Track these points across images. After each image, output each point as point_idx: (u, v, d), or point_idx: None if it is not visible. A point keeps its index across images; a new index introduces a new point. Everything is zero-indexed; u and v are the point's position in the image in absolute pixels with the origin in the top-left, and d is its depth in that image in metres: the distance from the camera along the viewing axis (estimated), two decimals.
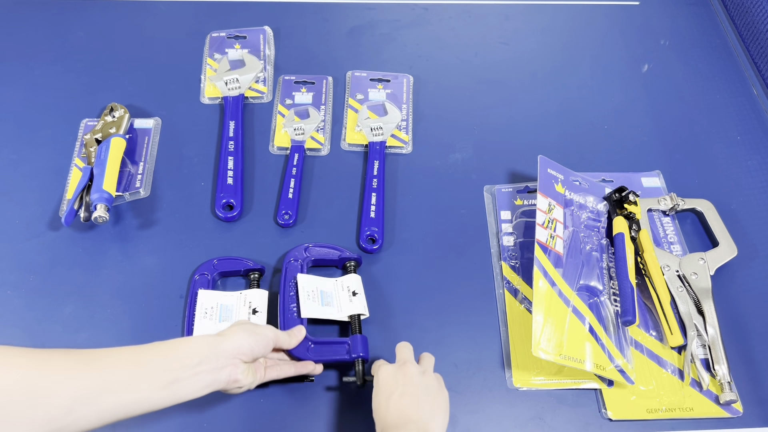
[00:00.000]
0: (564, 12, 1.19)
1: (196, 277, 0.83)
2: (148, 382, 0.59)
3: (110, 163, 0.88)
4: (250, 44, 1.08)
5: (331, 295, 0.82)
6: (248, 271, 0.84)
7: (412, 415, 0.65)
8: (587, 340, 0.77)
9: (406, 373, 0.69)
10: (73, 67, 1.06)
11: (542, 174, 0.88)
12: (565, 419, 0.76)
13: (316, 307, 0.80)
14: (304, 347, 0.76)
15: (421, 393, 0.68)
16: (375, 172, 0.94)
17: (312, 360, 0.76)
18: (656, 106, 1.06)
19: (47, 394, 0.53)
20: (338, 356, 0.77)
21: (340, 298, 0.82)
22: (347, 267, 0.85)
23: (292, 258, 0.84)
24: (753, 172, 0.98)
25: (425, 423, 0.65)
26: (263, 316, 0.80)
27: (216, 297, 0.81)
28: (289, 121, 0.99)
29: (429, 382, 0.69)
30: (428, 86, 1.07)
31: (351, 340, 0.78)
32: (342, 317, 0.81)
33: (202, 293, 0.81)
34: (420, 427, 0.65)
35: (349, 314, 0.81)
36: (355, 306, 0.81)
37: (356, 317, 0.81)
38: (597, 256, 0.85)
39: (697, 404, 0.77)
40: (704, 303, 0.82)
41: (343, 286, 0.83)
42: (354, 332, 0.80)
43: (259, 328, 0.70)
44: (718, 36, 1.16)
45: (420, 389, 0.68)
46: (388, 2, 1.18)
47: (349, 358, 0.76)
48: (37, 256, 0.86)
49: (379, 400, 0.68)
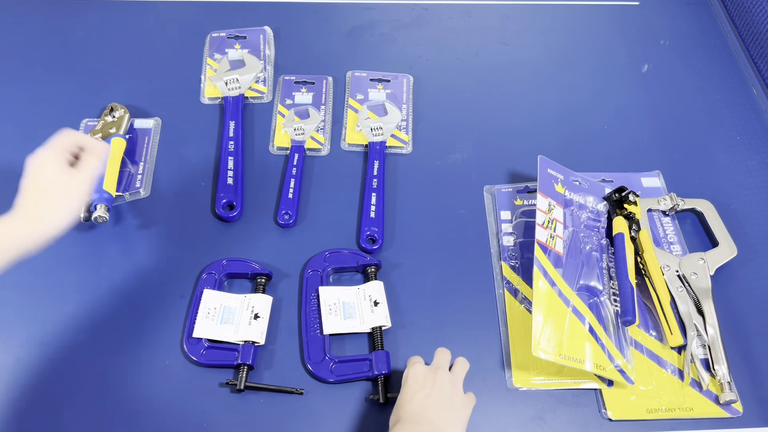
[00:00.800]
0: (564, 12, 1.19)
1: (204, 275, 0.84)
2: None
3: (110, 163, 0.88)
4: (250, 44, 1.08)
5: (354, 306, 0.82)
6: (255, 275, 0.84)
7: (432, 416, 0.68)
8: (587, 340, 0.77)
9: (437, 377, 0.71)
10: (73, 67, 1.06)
11: (542, 174, 0.88)
12: (565, 419, 0.76)
13: (338, 321, 0.80)
14: (326, 367, 0.77)
15: (446, 400, 0.70)
16: (375, 172, 0.94)
17: (334, 380, 0.77)
18: (656, 106, 1.06)
19: None
20: (361, 374, 0.77)
21: (362, 308, 0.82)
22: (368, 273, 0.85)
23: (311, 269, 0.85)
24: (753, 172, 0.98)
25: (442, 428, 0.67)
26: (264, 322, 0.80)
27: (220, 298, 0.81)
28: (289, 121, 0.99)
29: (456, 393, 0.71)
30: (428, 86, 1.07)
31: (374, 356, 0.78)
32: (364, 329, 0.81)
33: (207, 293, 0.82)
34: (435, 429, 0.66)
35: (372, 326, 0.81)
36: (377, 317, 0.81)
37: (378, 329, 0.80)
38: (597, 256, 0.85)
39: (697, 404, 0.77)
40: (704, 303, 0.82)
41: (365, 295, 0.83)
42: (376, 346, 0.79)
43: None
44: (718, 36, 1.16)
45: (446, 396, 0.70)
46: (388, 2, 1.18)
47: (372, 375, 0.77)
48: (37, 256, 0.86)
49: (405, 393, 0.70)
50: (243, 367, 0.77)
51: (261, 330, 0.79)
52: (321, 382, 0.77)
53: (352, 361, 0.78)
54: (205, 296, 0.81)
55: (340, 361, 0.78)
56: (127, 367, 0.78)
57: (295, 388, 0.77)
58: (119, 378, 0.77)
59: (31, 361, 0.77)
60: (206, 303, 0.81)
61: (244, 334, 0.79)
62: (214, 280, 0.83)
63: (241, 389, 0.76)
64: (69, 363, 0.78)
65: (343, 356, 0.79)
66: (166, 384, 0.77)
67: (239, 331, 0.79)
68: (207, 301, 0.81)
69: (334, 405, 0.76)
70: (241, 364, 0.77)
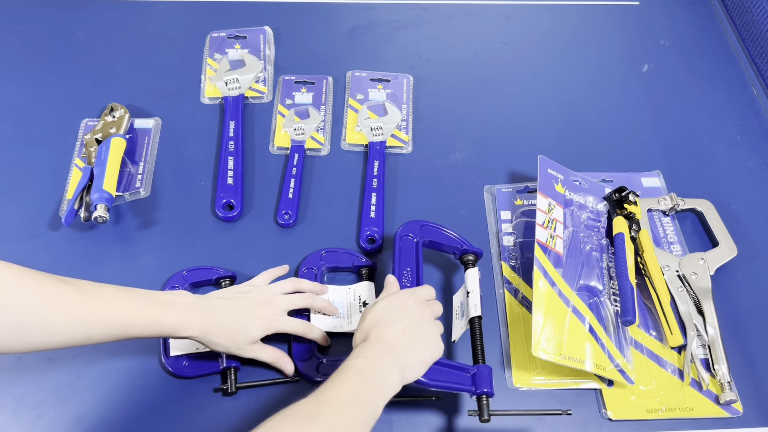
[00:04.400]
0: (564, 12, 1.19)
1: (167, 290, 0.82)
2: None
3: (110, 163, 0.88)
4: (250, 44, 1.08)
5: (343, 305, 0.81)
6: (219, 279, 0.83)
7: (400, 350, 0.66)
8: (587, 340, 0.77)
9: (423, 314, 0.69)
10: (73, 67, 1.06)
11: (542, 174, 0.88)
12: (565, 419, 0.76)
13: (326, 320, 0.80)
14: (313, 366, 0.76)
15: (421, 341, 0.68)
16: (375, 172, 0.94)
17: (321, 379, 0.75)
18: (656, 106, 1.06)
19: None
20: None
21: (351, 308, 0.81)
22: (362, 274, 0.84)
23: (305, 267, 0.83)
24: (753, 172, 0.98)
25: (405, 364, 0.65)
26: None
27: None
28: (289, 121, 0.99)
29: (433, 337, 0.69)
30: (428, 86, 1.07)
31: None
32: (352, 329, 0.79)
33: None
34: (398, 362, 0.65)
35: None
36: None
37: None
38: (597, 256, 0.85)
39: (697, 404, 0.77)
40: (704, 303, 0.82)
41: (355, 295, 0.82)
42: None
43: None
44: (718, 36, 1.16)
45: (424, 337, 0.68)
46: (388, 2, 1.18)
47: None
48: (37, 256, 0.86)
49: (385, 315, 0.68)
50: (230, 370, 0.76)
51: None
52: (308, 381, 0.77)
53: (339, 361, 0.76)
54: None
55: (329, 360, 0.77)
56: (127, 371, 0.78)
57: (289, 377, 0.76)
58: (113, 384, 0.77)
59: (31, 360, 0.77)
60: None
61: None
62: None
63: (233, 392, 0.75)
64: (69, 363, 0.78)
65: (331, 357, 0.78)
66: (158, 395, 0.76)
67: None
68: None
69: None
70: (228, 367, 0.76)
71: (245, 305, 0.73)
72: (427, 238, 0.83)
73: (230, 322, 0.71)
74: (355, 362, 0.64)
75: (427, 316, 0.70)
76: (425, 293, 0.73)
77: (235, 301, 0.73)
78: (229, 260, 0.86)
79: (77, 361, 0.77)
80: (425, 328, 0.69)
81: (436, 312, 0.73)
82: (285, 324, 0.74)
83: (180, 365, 0.77)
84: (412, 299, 0.70)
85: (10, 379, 0.76)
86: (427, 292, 0.74)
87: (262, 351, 0.74)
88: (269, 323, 0.73)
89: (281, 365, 0.76)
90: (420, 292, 0.73)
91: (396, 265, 0.80)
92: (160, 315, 0.67)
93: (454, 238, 0.83)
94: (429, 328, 0.69)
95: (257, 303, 0.74)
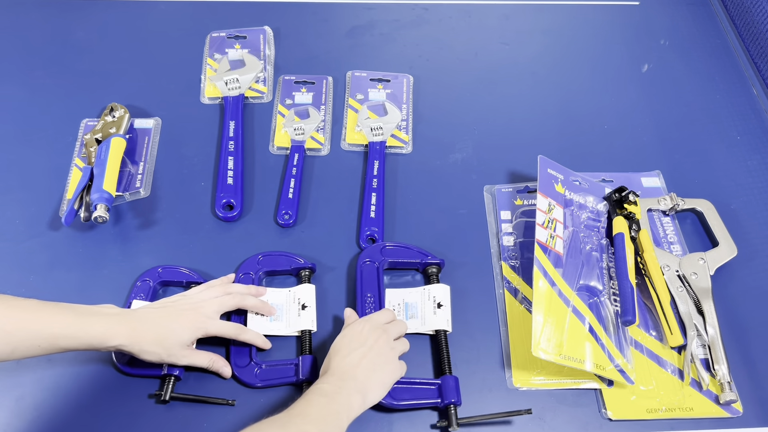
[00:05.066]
0: (564, 12, 1.19)
1: (138, 283, 0.82)
2: None
3: (110, 163, 0.88)
4: (250, 44, 1.08)
5: (282, 308, 0.81)
6: (190, 282, 0.83)
7: (359, 375, 0.69)
8: (587, 340, 0.77)
9: (379, 340, 0.73)
10: (73, 67, 1.06)
11: (542, 174, 0.88)
12: (565, 419, 0.76)
13: (264, 323, 0.80)
14: (251, 372, 0.76)
15: (380, 365, 0.71)
16: (375, 172, 0.94)
17: (261, 385, 0.76)
18: (656, 106, 1.06)
19: None
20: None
21: (290, 311, 0.81)
22: (301, 276, 0.84)
23: (242, 273, 0.83)
24: (753, 172, 0.98)
25: (365, 388, 0.69)
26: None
27: None
28: (289, 121, 0.99)
29: (391, 360, 0.73)
30: (428, 86, 1.07)
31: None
32: (290, 332, 0.80)
33: (136, 303, 0.80)
34: (358, 386, 0.68)
35: (300, 329, 0.80)
36: (303, 321, 0.80)
37: (307, 333, 0.79)
38: (597, 256, 0.85)
39: (697, 404, 0.77)
40: (704, 303, 0.82)
41: (295, 298, 0.81)
42: (303, 350, 0.78)
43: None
44: (718, 36, 1.16)
45: (381, 361, 0.72)
46: (388, 2, 1.18)
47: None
48: (37, 256, 0.86)
49: (342, 346, 0.72)
50: (169, 377, 0.75)
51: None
52: (247, 387, 0.76)
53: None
54: (134, 306, 0.79)
55: (268, 365, 0.77)
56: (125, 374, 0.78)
57: (226, 400, 0.75)
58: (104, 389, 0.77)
59: (31, 360, 0.77)
60: None
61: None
62: (148, 288, 0.82)
63: (167, 400, 0.74)
64: (69, 363, 0.78)
65: (270, 360, 0.78)
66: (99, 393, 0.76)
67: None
68: None
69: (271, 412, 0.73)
70: (168, 374, 0.75)
71: (173, 311, 0.74)
72: (387, 259, 0.84)
73: (159, 328, 0.71)
74: (319, 387, 0.68)
75: (383, 341, 0.73)
76: (382, 318, 0.76)
77: (162, 309, 0.74)
78: (229, 260, 0.86)
79: (76, 362, 0.78)
80: (382, 353, 0.72)
81: (395, 333, 0.76)
82: (215, 327, 0.74)
83: (124, 360, 0.76)
84: (368, 327, 0.74)
85: (10, 379, 0.76)
86: (384, 317, 0.77)
87: (196, 356, 0.74)
88: (198, 325, 0.73)
89: (217, 368, 0.75)
90: (376, 318, 0.76)
91: (359, 292, 0.82)
92: (86, 325, 0.67)
93: (414, 253, 0.85)
94: (385, 353, 0.72)
95: (185, 309, 0.74)
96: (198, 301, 0.76)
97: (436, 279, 0.84)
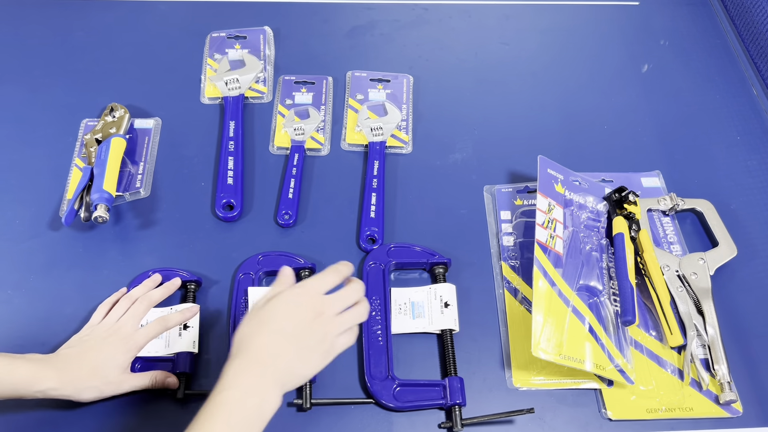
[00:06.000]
0: (564, 12, 1.19)
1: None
2: None
3: (110, 163, 0.88)
4: (250, 44, 1.08)
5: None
6: (185, 282, 0.83)
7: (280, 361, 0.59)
8: (587, 340, 0.77)
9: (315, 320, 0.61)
10: (73, 67, 1.06)
11: (542, 174, 0.88)
12: (565, 419, 0.76)
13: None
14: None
15: (312, 346, 0.60)
16: (375, 172, 0.94)
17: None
18: (656, 106, 1.06)
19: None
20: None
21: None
22: (301, 276, 0.84)
23: (242, 273, 0.83)
24: (753, 172, 0.98)
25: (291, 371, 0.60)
26: (195, 331, 0.79)
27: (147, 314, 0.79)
28: (289, 121, 0.99)
29: (327, 337, 0.62)
30: (428, 86, 1.07)
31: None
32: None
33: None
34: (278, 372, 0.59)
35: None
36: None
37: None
38: (597, 256, 0.85)
39: (697, 404, 0.77)
40: (704, 303, 0.82)
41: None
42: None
43: None
44: (718, 36, 1.16)
45: (316, 340, 0.61)
46: (388, 2, 1.18)
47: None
48: (37, 256, 0.86)
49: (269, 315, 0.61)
50: (182, 376, 0.75)
51: (193, 339, 0.78)
52: None
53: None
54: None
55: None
56: None
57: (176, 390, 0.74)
58: None
59: None
60: None
61: (176, 347, 0.78)
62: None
63: (181, 398, 0.74)
64: None
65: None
66: None
67: (171, 344, 0.78)
68: None
69: None
70: (179, 372, 0.75)
71: (96, 341, 0.73)
72: (393, 261, 0.84)
73: (90, 360, 0.70)
74: (223, 396, 0.57)
75: (319, 322, 0.61)
76: (322, 285, 0.63)
77: (83, 344, 0.73)
78: (228, 260, 0.86)
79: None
80: (314, 336, 0.60)
81: (339, 306, 0.63)
82: (142, 336, 0.74)
83: (133, 366, 0.76)
84: (304, 300, 0.62)
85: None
86: (325, 282, 0.63)
87: (137, 379, 0.73)
88: (128, 345, 0.73)
89: (161, 382, 0.73)
90: (315, 286, 0.63)
91: None
92: (12, 367, 0.66)
93: (421, 252, 0.85)
94: (319, 336, 0.60)
95: (106, 335, 0.74)
96: (112, 323, 0.75)
97: (443, 278, 0.84)
